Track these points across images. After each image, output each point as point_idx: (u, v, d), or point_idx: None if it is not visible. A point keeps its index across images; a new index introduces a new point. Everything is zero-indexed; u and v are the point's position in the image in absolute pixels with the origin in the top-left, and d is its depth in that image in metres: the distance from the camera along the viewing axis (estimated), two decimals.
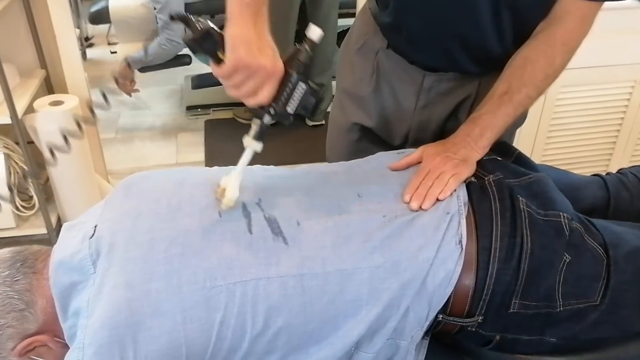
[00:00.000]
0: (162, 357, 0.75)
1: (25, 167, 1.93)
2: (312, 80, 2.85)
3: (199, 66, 3.27)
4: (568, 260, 0.86)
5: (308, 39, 0.84)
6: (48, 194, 2.08)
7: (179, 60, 2.91)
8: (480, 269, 0.84)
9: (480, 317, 0.86)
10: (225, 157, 2.82)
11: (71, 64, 2.07)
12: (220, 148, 2.85)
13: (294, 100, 0.83)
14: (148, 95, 3.34)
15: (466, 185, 0.93)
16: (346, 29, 3.36)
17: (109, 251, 0.81)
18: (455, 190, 0.91)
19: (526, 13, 0.97)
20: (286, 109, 0.83)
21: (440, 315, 0.86)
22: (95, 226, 0.86)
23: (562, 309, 0.86)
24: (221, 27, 0.81)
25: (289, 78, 0.82)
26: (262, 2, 0.80)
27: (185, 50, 2.97)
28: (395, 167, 0.99)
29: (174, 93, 3.46)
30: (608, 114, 2.11)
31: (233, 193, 0.85)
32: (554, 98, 2.01)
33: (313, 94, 0.85)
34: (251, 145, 0.86)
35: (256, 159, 0.92)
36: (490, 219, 0.87)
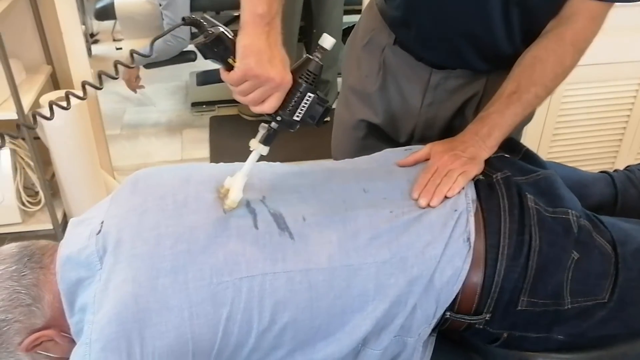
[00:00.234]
0: (169, 353, 0.75)
1: (31, 163, 1.93)
2: None
3: (204, 63, 3.26)
4: (576, 258, 0.86)
5: (320, 47, 0.84)
6: (54, 190, 2.09)
7: (184, 57, 2.90)
8: (489, 267, 0.84)
9: (488, 315, 0.86)
10: (230, 154, 2.81)
11: (77, 60, 2.07)
12: (225, 144, 2.85)
13: (302, 109, 0.84)
14: (153, 91, 3.34)
15: (474, 183, 0.93)
16: (351, 25, 3.34)
17: (116, 247, 0.81)
18: (463, 188, 0.90)
19: (536, 11, 0.96)
20: (293, 117, 0.84)
21: (448, 313, 0.86)
22: (102, 222, 0.86)
23: (570, 306, 0.86)
24: (234, 33, 0.82)
25: (298, 87, 0.83)
26: (275, 13, 0.80)
27: (190, 47, 2.97)
28: (403, 164, 0.99)
29: (179, 89, 3.46)
30: (614, 111, 2.10)
31: (237, 195, 0.85)
32: (560, 95, 2.00)
33: (321, 103, 0.85)
34: (258, 148, 0.87)
35: (261, 156, 0.92)
36: (498, 217, 0.87)
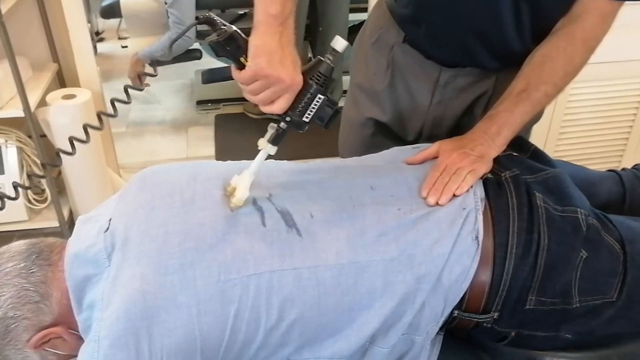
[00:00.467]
0: (177, 350, 0.75)
1: (37, 160, 1.94)
2: None
3: (210, 61, 3.27)
4: (585, 256, 0.86)
5: (332, 50, 0.84)
6: (60, 188, 2.09)
7: (190, 55, 2.90)
8: (497, 265, 0.84)
9: (496, 313, 0.86)
10: (235, 152, 2.80)
11: (83, 58, 2.07)
12: (231, 142, 2.85)
13: (311, 111, 0.85)
14: (158, 89, 3.35)
15: (483, 182, 0.92)
16: (357, 23, 3.34)
17: (123, 244, 0.82)
18: (472, 186, 0.90)
19: (546, 9, 0.96)
20: (302, 118, 0.85)
21: (456, 311, 0.86)
22: (109, 220, 0.86)
23: (578, 305, 0.86)
24: (246, 33, 0.82)
25: (308, 88, 0.83)
26: (289, 14, 0.81)
27: (196, 45, 2.97)
28: (411, 162, 0.99)
29: (185, 87, 3.46)
30: (621, 110, 2.10)
31: (243, 193, 0.85)
32: (567, 94, 2.00)
33: (330, 105, 0.86)
34: (266, 148, 0.87)
35: (269, 155, 0.93)
36: (507, 215, 0.86)
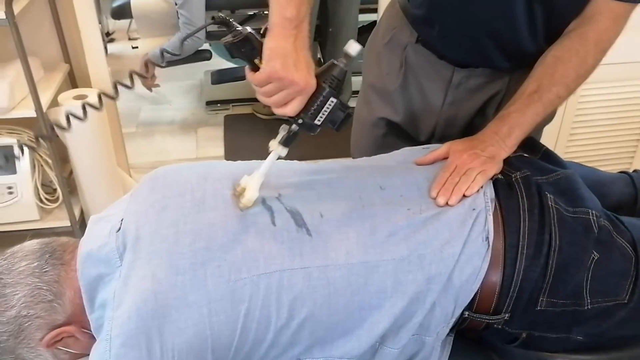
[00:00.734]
0: (189, 349, 0.76)
1: (49, 160, 1.95)
2: None
3: (219, 61, 3.27)
4: (596, 258, 0.85)
5: (346, 54, 0.85)
6: (71, 187, 2.10)
7: (199, 56, 2.91)
8: (508, 266, 0.84)
9: (507, 315, 0.85)
10: (244, 152, 2.80)
11: (95, 58, 2.08)
12: (240, 143, 2.86)
13: (323, 114, 0.85)
14: (168, 90, 3.36)
15: (493, 183, 0.92)
16: (367, 24, 3.33)
17: (135, 244, 0.82)
18: (482, 186, 0.90)
19: (559, 9, 0.96)
20: (314, 121, 0.85)
21: (467, 312, 0.85)
22: (121, 220, 0.87)
23: (590, 306, 0.85)
24: (260, 34, 0.83)
25: (321, 91, 0.83)
26: (304, 16, 0.81)
27: (205, 46, 2.98)
28: (421, 162, 0.99)
29: (194, 88, 3.47)
30: (632, 111, 2.08)
31: (253, 194, 0.85)
32: (578, 95, 1.99)
33: (342, 109, 0.86)
34: (277, 149, 0.87)
35: (279, 157, 0.93)
36: (517, 216, 0.86)
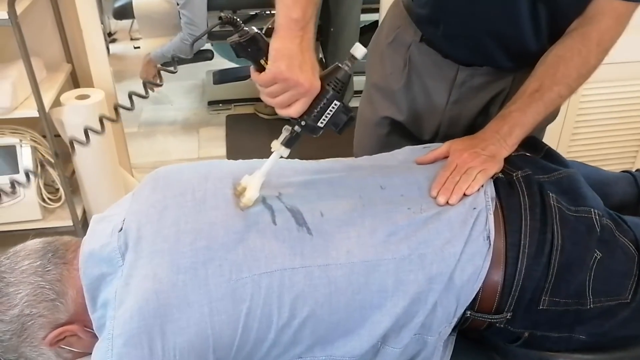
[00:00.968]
0: (190, 348, 0.76)
1: (52, 160, 1.95)
2: None
3: (221, 61, 3.28)
4: (599, 257, 0.85)
5: (351, 56, 0.85)
6: (74, 187, 2.10)
7: (201, 56, 2.92)
8: (509, 265, 0.84)
9: (509, 314, 0.85)
10: (246, 152, 2.80)
11: (97, 59, 2.08)
12: (242, 143, 2.86)
13: (326, 116, 0.85)
14: (170, 90, 3.36)
15: (494, 181, 0.92)
16: (368, 24, 3.32)
17: (136, 244, 0.82)
18: (482, 185, 0.90)
19: (563, 9, 0.96)
20: (317, 123, 0.85)
21: (469, 312, 0.85)
22: (123, 219, 0.87)
23: (592, 306, 0.85)
24: (266, 34, 0.83)
25: (325, 94, 0.84)
26: (310, 18, 0.82)
27: (207, 46, 2.98)
28: (422, 162, 0.99)
29: (196, 88, 3.47)
30: (634, 110, 2.08)
31: (253, 193, 0.86)
32: (579, 94, 1.98)
33: (345, 112, 0.86)
34: (279, 150, 0.88)
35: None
36: (519, 215, 0.86)
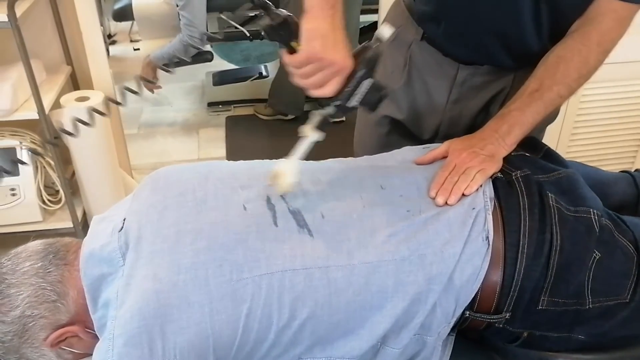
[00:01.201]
0: (190, 348, 0.76)
1: (52, 162, 1.96)
2: None
3: (220, 63, 3.28)
4: (598, 257, 0.85)
5: (377, 38, 0.86)
6: (74, 189, 2.11)
7: (201, 57, 2.92)
8: (508, 265, 0.84)
9: (508, 314, 0.86)
10: (246, 153, 2.81)
11: (96, 60, 2.09)
12: (242, 144, 2.86)
13: (358, 95, 0.86)
14: (169, 91, 3.36)
15: (492, 181, 0.92)
16: (368, 24, 3.32)
17: (137, 244, 0.82)
18: (481, 185, 0.90)
19: (565, 9, 0.96)
20: (350, 102, 0.86)
21: (468, 312, 0.86)
22: (124, 219, 0.87)
23: (592, 306, 0.85)
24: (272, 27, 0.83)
25: (356, 73, 0.85)
26: None
27: (207, 47, 2.98)
28: (420, 162, 0.99)
29: (196, 89, 3.48)
30: (634, 110, 2.08)
31: (291, 179, 0.86)
32: (579, 94, 1.98)
33: (378, 90, 0.87)
34: (312, 134, 0.88)
35: (278, 153, 0.93)
36: (518, 215, 0.86)
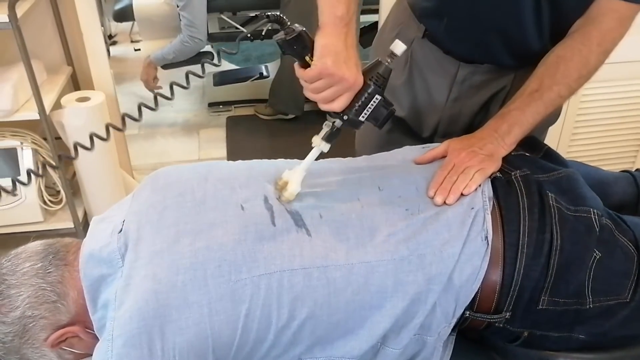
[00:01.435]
0: (189, 349, 0.76)
1: (53, 162, 1.96)
2: None
3: (221, 63, 3.28)
4: (598, 257, 0.85)
5: (391, 53, 0.87)
6: (75, 189, 2.11)
7: (201, 58, 2.92)
8: (508, 265, 0.84)
9: (508, 314, 0.86)
10: (246, 153, 2.82)
11: (97, 61, 2.09)
12: (242, 144, 2.85)
13: (367, 110, 0.87)
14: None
15: (491, 181, 0.92)
16: (368, 25, 3.33)
17: (136, 244, 0.83)
18: (480, 185, 0.90)
19: (566, 8, 0.96)
20: (359, 117, 0.87)
21: (468, 312, 0.86)
22: (123, 220, 0.87)
23: (592, 305, 0.85)
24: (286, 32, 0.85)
25: (366, 89, 0.86)
26: (352, 14, 0.84)
27: (207, 48, 2.99)
28: (420, 161, 0.99)
29: (196, 90, 3.47)
30: (634, 110, 2.08)
31: (295, 188, 0.87)
32: (579, 94, 1.98)
33: (386, 106, 0.88)
34: (320, 145, 0.89)
35: (277, 153, 0.93)
36: (517, 214, 0.86)
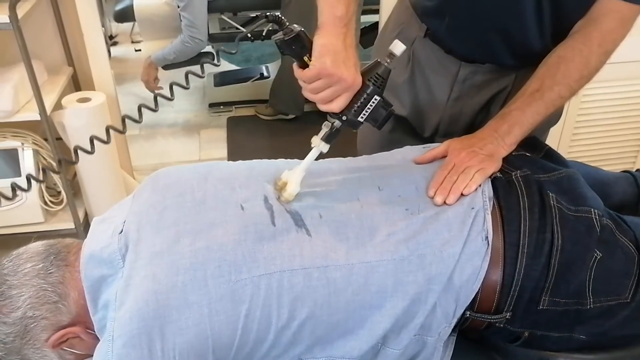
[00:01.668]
0: (189, 349, 0.76)
1: (53, 163, 1.96)
2: None
3: (222, 64, 3.29)
4: (599, 257, 0.85)
5: (390, 53, 0.87)
6: (75, 190, 2.11)
7: (202, 58, 2.92)
8: (508, 265, 0.84)
9: (508, 314, 0.86)
10: (247, 153, 2.82)
11: (98, 62, 2.09)
12: (243, 144, 2.86)
13: (366, 111, 0.87)
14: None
15: (492, 181, 0.92)
16: (369, 25, 3.33)
17: (136, 245, 0.83)
18: (480, 185, 0.90)
19: (567, 9, 0.96)
20: (357, 118, 0.87)
21: (468, 312, 0.86)
22: (124, 221, 0.87)
23: (592, 305, 0.85)
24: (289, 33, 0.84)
25: (365, 89, 0.86)
26: (352, 15, 0.84)
27: (208, 48, 2.99)
28: (420, 161, 0.99)
29: (197, 90, 3.47)
30: (635, 110, 2.08)
31: (294, 188, 0.87)
32: (580, 94, 1.95)
33: (385, 107, 0.88)
34: (319, 145, 0.89)
35: (278, 153, 0.93)
36: (518, 214, 0.86)
